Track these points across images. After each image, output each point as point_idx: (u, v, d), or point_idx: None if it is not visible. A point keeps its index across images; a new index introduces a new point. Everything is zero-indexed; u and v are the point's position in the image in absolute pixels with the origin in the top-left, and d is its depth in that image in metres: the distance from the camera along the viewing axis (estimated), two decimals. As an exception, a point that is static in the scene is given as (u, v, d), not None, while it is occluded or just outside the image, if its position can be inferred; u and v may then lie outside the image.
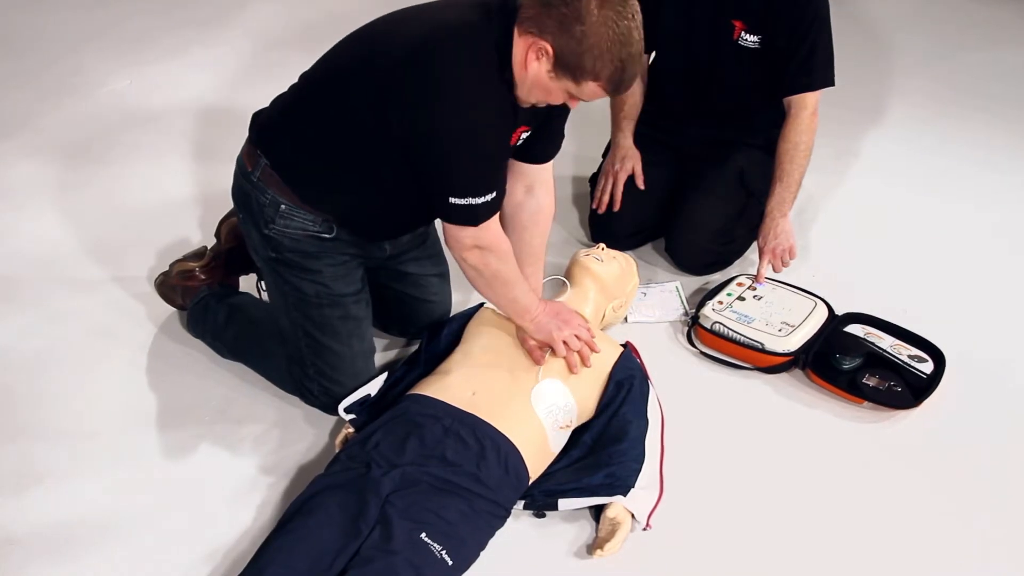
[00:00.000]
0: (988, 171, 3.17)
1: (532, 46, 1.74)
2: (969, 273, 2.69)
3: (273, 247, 2.01)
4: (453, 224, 1.87)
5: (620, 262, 2.40)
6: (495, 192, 1.85)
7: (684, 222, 2.59)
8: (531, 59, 1.75)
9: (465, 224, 1.86)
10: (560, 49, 1.72)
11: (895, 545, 1.93)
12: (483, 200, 1.83)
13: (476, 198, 1.82)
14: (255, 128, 2.02)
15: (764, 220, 2.48)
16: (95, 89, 3.54)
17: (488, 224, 1.87)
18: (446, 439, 1.88)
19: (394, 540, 1.70)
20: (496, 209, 1.88)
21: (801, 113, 2.42)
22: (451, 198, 1.82)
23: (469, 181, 1.82)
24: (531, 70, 1.76)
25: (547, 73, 1.76)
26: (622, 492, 1.90)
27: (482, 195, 1.82)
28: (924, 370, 2.25)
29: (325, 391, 2.12)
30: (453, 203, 1.82)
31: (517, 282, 2.01)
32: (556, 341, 2.06)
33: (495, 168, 1.88)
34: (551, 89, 1.79)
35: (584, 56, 1.71)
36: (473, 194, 1.82)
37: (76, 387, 2.28)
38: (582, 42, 1.70)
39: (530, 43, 1.74)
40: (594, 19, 1.68)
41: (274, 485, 2.03)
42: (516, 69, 1.78)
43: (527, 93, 1.81)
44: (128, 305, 2.51)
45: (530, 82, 1.78)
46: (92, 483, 2.03)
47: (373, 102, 1.79)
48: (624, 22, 1.70)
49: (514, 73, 1.78)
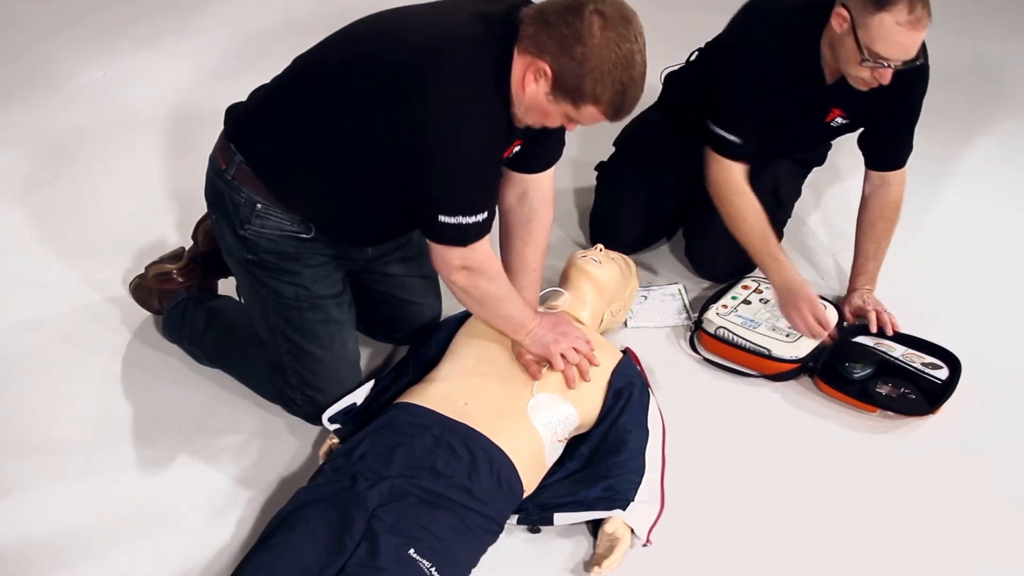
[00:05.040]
0: (1004, 169, 3.18)
1: (531, 66, 1.75)
2: (985, 275, 2.71)
3: (249, 249, 2.02)
4: (441, 244, 1.88)
5: (619, 264, 2.41)
6: (486, 212, 1.86)
7: (714, 230, 2.54)
8: (529, 80, 1.76)
9: (453, 244, 1.87)
10: (559, 71, 1.73)
11: (912, 561, 1.94)
12: (473, 220, 1.84)
13: (466, 217, 1.83)
14: (230, 122, 2.02)
15: (852, 294, 2.48)
16: (65, 82, 3.54)
17: (478, 245, 1.88)
18: (436, 450, 1.89)
19: (381, 556, 1.71)
20: (486, 230, 1.89)
21: (896, 188, 2.45)
22: (440, 216, 1.82)
23: (460, 199, 1.83)
24: (529, 91, 1.77)
25: (545, 95, 1.77)
26: (621, 506, 1.91)
27: (472, 214, 1.83)
28: (939, 376, 2.27)
29: (308, 400, 2.12)
30: (443, 221, 1.83)
31: (510, 298, 2.02)
32: (554, 355, 2.06)
33: (487, 187, 1.89)
34: (549, 112, 1.80)
35: (584, 79, 1.72)
36: (463, 212, 1.83)
37: (45, 395, 2.28)
38: (583, 64, 1.71)
39: (528, 63, 1.75)
40: (596, 41, 1.69)
41: (254, 499, 2.04)
42: (514, 88, 1.78)
43: (524, 114, 1.82)
44: (101, 309, 2.52)
45: (527, 103, 1.79)
46: (61, 497, 2.04)
47: (363, 105, 1.80)
48: (627, 44, 1.71)
49: (512, 92, 1.79)
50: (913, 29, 2.05)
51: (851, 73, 2.18)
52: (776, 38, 2.27)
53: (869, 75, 2.15)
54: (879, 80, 2.15)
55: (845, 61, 2.17)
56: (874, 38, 2.07)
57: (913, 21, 2.03)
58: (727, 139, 2.35)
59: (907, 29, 2.04)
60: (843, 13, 2.12)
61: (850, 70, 2.17)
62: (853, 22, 2.09)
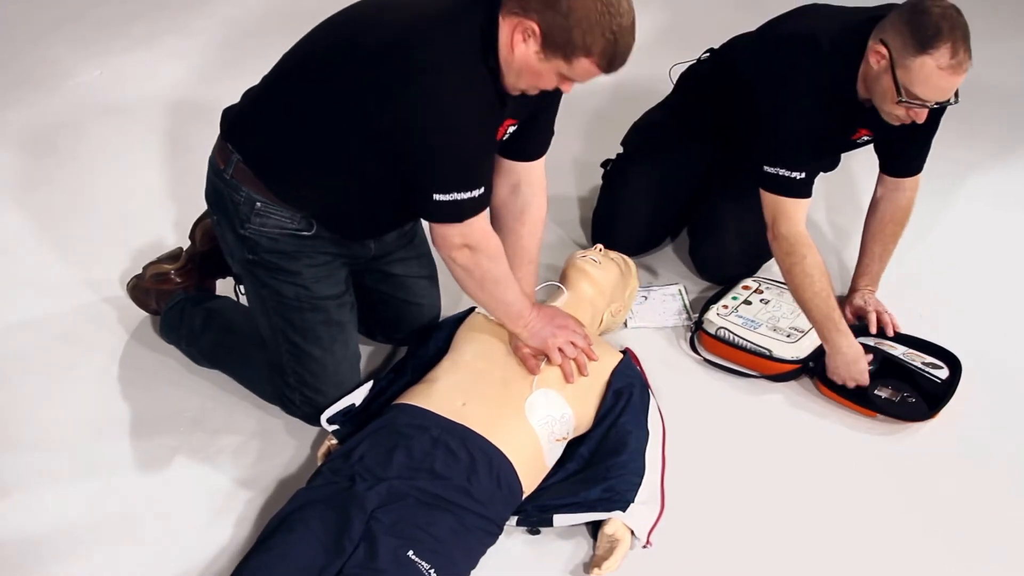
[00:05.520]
0: (1005, 169, 3.18)
1: (517, 27, 1.75)
2: (987, 276, 2.71)
3: (249, 248, 2.02)
4: (438, 223, 1.88)
5: (619, 264, 2.42)
6: (482, 188, 1.86)
7: (721, 232, 2.55)
8: (517, 41, 1.76)
9: (450, 221, 1.87)
10: (547, 26, 1.72)
11: (913, 562, 1.95)
12: (468, 195, 1.84)
13: (461, 193, 1.83)
14: (225, 123, 2.03)
15: (854, 295, 2.47)
16: (62, 81, 3.54)
17: (475, 220, 1.88)
18: (435, 451, 1.89)
19: (379, 558, 1.71)
20: (483, 206, 1.89)
21: (909, 194, 2.43)
22: (435, 194, 1.83)
23: (453, 175, 1.83)
24: (518, 52, 1.77)
25: (535, 54, 1.76)
26: (621, 507, 1.91)
27: (467, 190, 1.83)
28: (939, 376, 2.27)
29: (307, 400, 2.13)
30: (437, 200, 1.83)
31: (509, 283, 2.02)
32: (551, 348, 2.07)
33: (481, 162, 1.89)
34: (541, 71, 1.80)
35: (573, 31, 1.71)
36: (457, 189, 1.83)
37: (43, 396, 2.28)
38: (569, 16, 1.70)
39: (515, 24, 1.75)
40: None
41: (253, 500, 2.04)
42: (503, 54, 1.78)
43: (516, 78, 1.82)
44: (98, 310, 2.52)
45: (518, 66, 1.79)
46: (59, 498, 2.04)
47: (352, 92, 1.80)
48: None
49: (501, 59, 1.79)
50: (954, 74, 2.00)
51: (886, 110, 2.14)
52: (816, 72, 2.20)
53: (904, 113, 2.11)
54: (914, 118, 2.11)
55: (880, 98, 2.12)
56: (914, 80, 2.03)
57: (955, 65, 1.99)
58: (791, 177, 2.23)
59: (948, 73, 2.00)
60: (881, 51, 2.06)
61: (885, 107, 2.13)
62: (892, 60, 2.04)
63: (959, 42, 1.98)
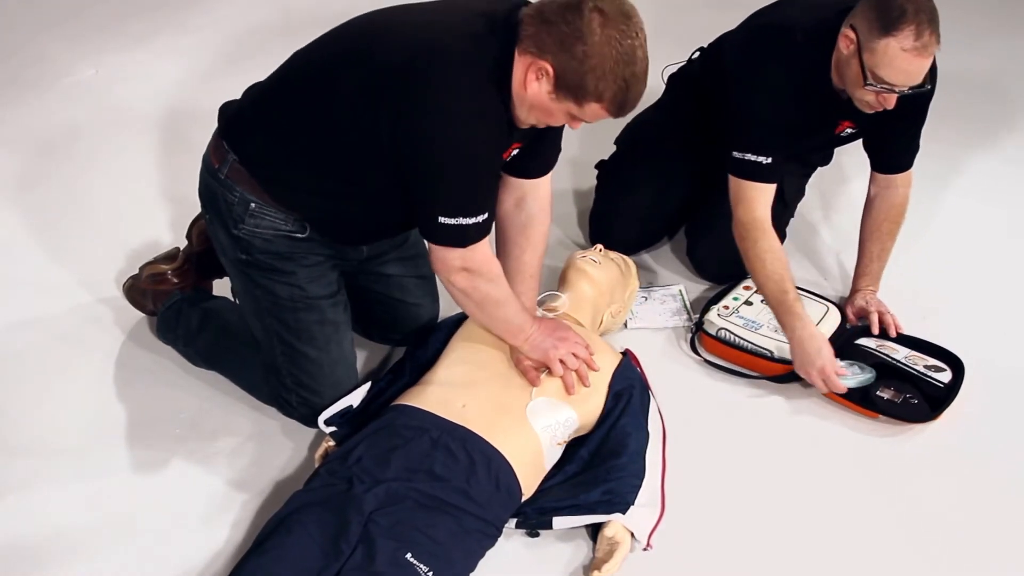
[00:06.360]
0: (1008, 168, 3.18)
1: (532, 66, 1.76)
2: (989, 276, 2.71)
3: (243, 248, 2.02)
4: (440, 245, 1.89)
5: (618, 264, 2.42)
6: (486, 213, 1.87)
7: (717, 232, 2.54)
8: (531, 79, 1.77)
9: (453, 245, 1.88)
10: (561, 69, 1.74)
11: (915, 563, 1.94)
12: (474, 221, 1.85)
13: (466, 218, 1.84)
14: (223, 121, 2.02)
15: (855, 295, 2.48)
16: (58, 79, 3.54)
17: (477, 246, 1.89)
18: (433, 453, 1.89)
19: (377, 561, 1.71)
20: (486, 232, 1.90)
21: (902, 191, 2.44)
22: (440, 217, 1.83)
23: (460, 200, 1.84)
24: (531, 91, 1.78)
25: (548, 94, 1.78)
26: (621, 510, 1.91)
27: (472, 216, 1.84)
28: (942, 379, 2.27)
29: (304, 402, 2.12)
30: (442, 222, 1.84)
31: (509, 302, 2.02)
32: (552, 360, 2.06)
33: (487, 188, 1.90)
34: (552, 110, 1.81)
35: (586, 76, 1.73)
36: (463, 214, 1.84)
37: (38, 398, 2.28)
38: (584, 62, 1.71)
39: (530, 63, 1.76)
40: (596, 38, 1.70)
41: (249, 502, 2.04)
42: (515, 88, 1.79)
43: (526, 114, 1.83)
44: (95, 310, 2.52)
45: (530, 103, 1.80)
46: (55, 500, 2.04)
47: (363, 105, 1.80)
48: (628, 41, 1.72)
49: (512, 93, 1.80)
50: (919, 56, 2.02)
51: (856, 96, 2.16)
52: (788, 59, 2.24)
53: (874, 99, 2.13)
54: (884, 104, 2.13)
55: (851, 83, 2.15)
56: (879, 63, 2.05)
57: (919, 48, 2.01)
58: (755, 161, 2.27)
59: (913, 56, 2.01)
60: (850, 35, 2.10)
61: (855, 93, 2.16)
62: (860, 45, 2.07)
63: (924, 24, 1.99)
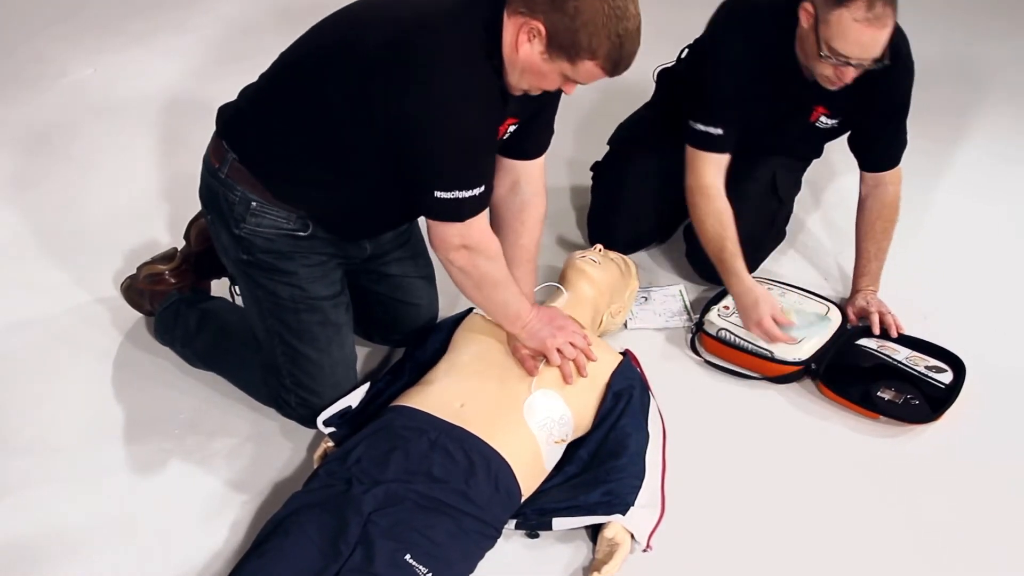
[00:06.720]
0: (1007, 165, 3.18)
1: (523, 27, 1.75)
2: (990, 275, 2.71)
3: (244, 248, 2.02)
4: (438, 221, 1.88)
5: (618, 264, 2.42)
6: (483, 186, 1.86)
7: None
8: (522, 41, 1.76)
9: (451, 220, 1.87)
10: (553, 27, 1.73)
11: (916, 564, 1.94)
12: (470, 194, 1.84)
13: (462, 191, 1.83)
14: (221, 121, 2.03)
15: (856, 296, 2.48)
16: (56, 79, 3.54)
17: (475, 221, 1.89)
18: (432, 454, 1.89)
19: (376, 562, 1.71)
20: (484, 205, 1.89)
21: (892, 188, 2.45)
22: (436, 191, 1.83)
23: (455, 173, 1.83)
24: (523, 52, 1.78)
25: (540, 55, 1.77)
26: (621, 511, 1.91)
27: (469, 188, 1.84)
28: (943, 380, 2.27)
29: (303, 402, 2.12)
30: (438, 197, 1.83)
31: (507, 284, 2.02)
32: (550, 349, 2.07)
33: (483, 160, 1.89)
34: (545, 72, 1.80)
35: (579, 33, 1.72)
36: (459, 187, 1.83)
37: (35, 398, 2.28)
38: (575, 18, 1.71)
39: (520, 24, 1.76)
40: None
41: (248, 503, 2.03)
42: (507, 53, 1.79)
43: (519, 78, 1.83)
44: (92, 310, 2.51)
45: (522, 66, 1.80)
46: (52, 501, 2.04)
47: (353, 89, 1.80)
48: None
49: (504, 58, 1.80)
50: (871, 27, 2.04)
51: (815, 70, 2.19)
52: (752, 34, 2.29)
53: (832, 72, 2.16)
54: (841, 78, 2.16)
55: (811, 57, 2.18)
56: (833, 35, 2.08)
57: (871, 19, 2.03)
58: (706, 132, 2.34)
59: (865, 26, 2.04)
60: (809, 8, 2.14)
61: (814, 66, 2.19)
62: (817, 17, 2.11)
63: None
